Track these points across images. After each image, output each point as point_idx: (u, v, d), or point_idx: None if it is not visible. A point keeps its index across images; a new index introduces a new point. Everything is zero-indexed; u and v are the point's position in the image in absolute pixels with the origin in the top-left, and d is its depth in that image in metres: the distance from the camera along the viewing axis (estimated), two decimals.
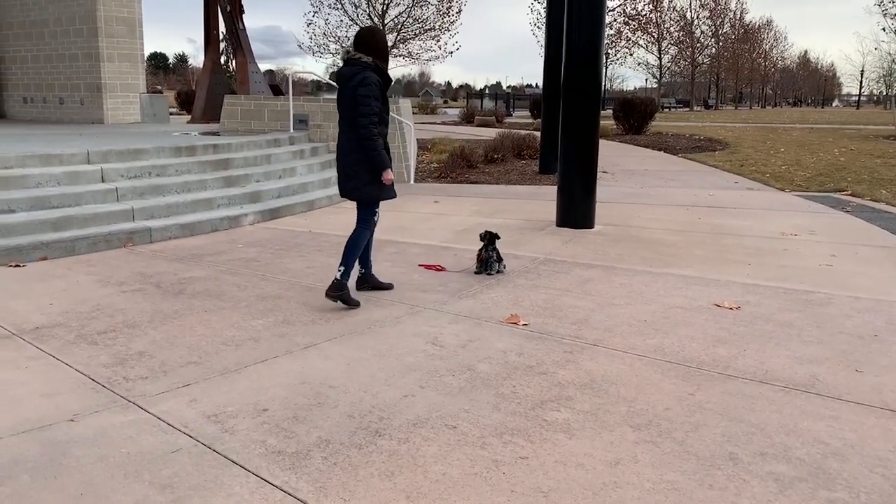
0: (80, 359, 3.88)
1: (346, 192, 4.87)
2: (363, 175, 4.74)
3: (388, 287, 5.29)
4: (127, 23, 16.26)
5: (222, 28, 19.63)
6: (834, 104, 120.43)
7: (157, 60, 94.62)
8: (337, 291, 4.79)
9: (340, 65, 4.86)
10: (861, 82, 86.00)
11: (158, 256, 6.45)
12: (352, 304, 4.84)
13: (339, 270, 4.83)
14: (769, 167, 14.37)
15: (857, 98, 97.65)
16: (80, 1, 15.88)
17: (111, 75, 16.14)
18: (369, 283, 5.24)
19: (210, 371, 3.73)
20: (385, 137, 4.77)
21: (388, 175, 4.74)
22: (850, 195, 10.58)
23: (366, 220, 4.92)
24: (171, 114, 19.94)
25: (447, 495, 2.55)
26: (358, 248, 4.88)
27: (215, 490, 2.58)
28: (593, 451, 2.88)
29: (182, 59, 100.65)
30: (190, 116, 20.75)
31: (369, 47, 4.73)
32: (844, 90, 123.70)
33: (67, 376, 3.65)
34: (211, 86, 19.01)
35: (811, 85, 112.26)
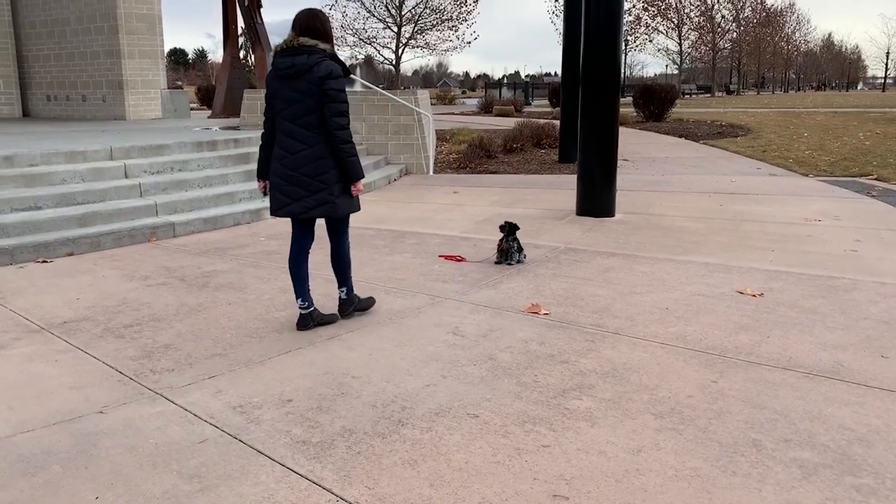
0: (107, 352, 3.95)
1: (307, 209, 4.02)
2: (334, 186, 4.01)
3: (334, 319, 4.43)
4: (147, 19, 16.40)
5: (241, 23, 19.71)
6: (859, 87, 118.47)
7: (177, 56, 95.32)
8: (348, 308, 4.43)
9: (275, 52, 4.04)
10: (887, 64, 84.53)
11: (182, 250, 6.53)
12: (368, 304, 4.58)
13: (341, 291, 4.40)
14: (792, 152, 14.20)
15: (882, 80, 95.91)
16: None
17: (132, 72, 16.30)
18: (314, 320, 4.31)
19: (235, 363, 3.78)
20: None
21: (360, 186, 4.15)
22: (875, 179, 10.43)
23: (345, 232, 4.33)
24: (191, 109, 20.09)
25: (470, 483, 2.57)
26: (348, 261, 4.37)
27: (242, 479, 2.62)
28: (615, 438, 2.89)
29: (201, 54, 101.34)
30: (210, 111, 20.89)
31: (318, 33, 3.94)
32: (870, 73, 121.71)
33: (96, 369, 3.71)
34: (230, 80, 19.11)
35: (835, 68, 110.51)
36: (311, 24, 3.96)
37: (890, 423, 2.98)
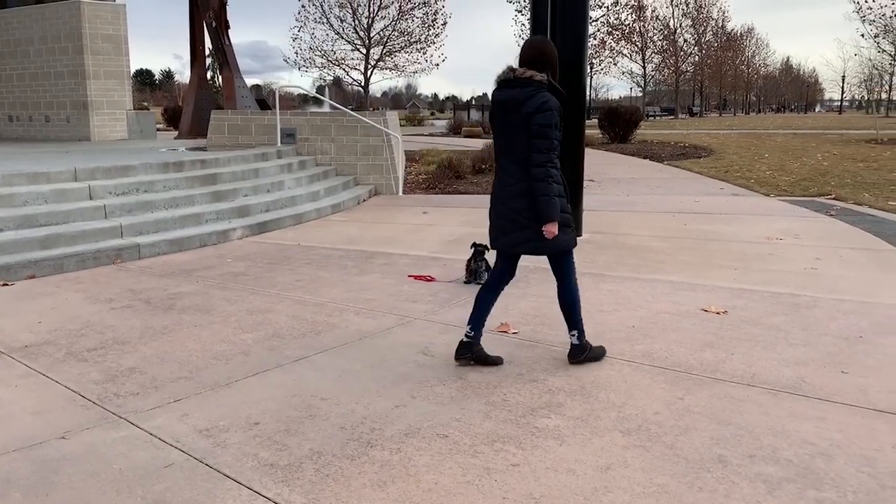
0: (70, 376, 3.88)
1: (513, 244, 3.85)
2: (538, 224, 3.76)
3: (497, 361, 4.04)
4: (112, 40, 16.27)
5: (208, 44, 19.62)
6: (817, 109, 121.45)
7: (144, 77, 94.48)
8: (579, 355, 3.98)
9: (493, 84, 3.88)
10: (843, 87, 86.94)
11: (147, 272, 6.44)
12: (601, 354, 4.06)
13: (573, 335, 3.97)
14: (754, 173, 14.51)
15: (839, 103, 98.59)
16: (64, 19, 15.90)
17: (97, 92, 16.14)
18: (472, 353, 4.03)
19: (201, 386, 3.73)
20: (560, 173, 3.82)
21: (553, 228, 3.73)
22: (833, 199, 10.70)
23: (568, 269, 3.96)
24: (157, 130, 19.92)
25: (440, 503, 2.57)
26: (577, 303, 3.98)
27: None
28: (584, 456, 2.91)
29: (168, 75, 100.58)
30: (177, 132, 20.71)
31: (541, 61, 3.77)
32: (827, 95, 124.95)
33: (58, 394, 3.64)
34: (197, 101, 18.98)
35: (794, 91, 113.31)
36: (530, 53, 3.81)
37: (851, 438, 3.04)
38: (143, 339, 4.52)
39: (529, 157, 3.70)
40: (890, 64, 27.77)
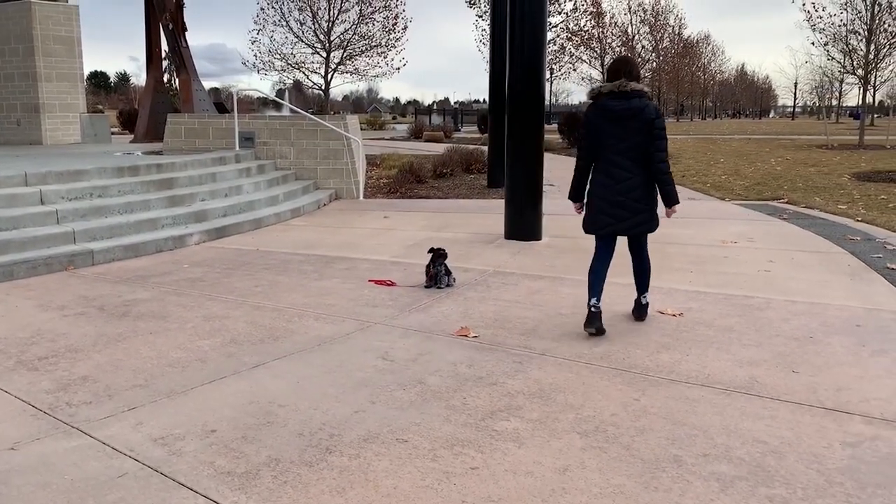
0: (20, 386, 3.78)
1: (634, 227, 4.68)
2: (653, 208, 4.70)
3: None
4: (65, 41, 15.92)
5: (165, 46, 19.35)
6: (771, 115, 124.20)
7: (98, 79, 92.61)
8: (644, 312, 4.94)
9: (593, 93, 4.69)
10: (795, 94, 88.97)
11: (101, 279, 6.31)
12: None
13: (644, 296, 4.94)
14: (709, 177, 14.79)
15: (792, 109, 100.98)
16: (14, 19, 15.50)
17: (49, 95, 15.77)
18: (601, 322, 4.62)
19: (156, 393, 3.67)
20: None
21: (676, 209, 4.78)
22: (786, 203, 10.96)
23: (646, 247, 4.96)
24: (112, 133, 19.54)
25: None
26: (650, 270, 4.97)
27: None
28: (542, 458, 2.93)
29: (124, 77, 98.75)
30: (132, 136, 20.35)
31: (638, 77, 4.64)
32: (780, 101, 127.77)
33: (7, 404, 3.54)
34: (154, 105, 18.69)
35: (749, 97, 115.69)
36: (629, 69, 4.60)
37: (800, 435, 3.12)
38: (96, 346, 4.43)
39: (654, 155, 4.51)
40: (839, 71, 28.55)
